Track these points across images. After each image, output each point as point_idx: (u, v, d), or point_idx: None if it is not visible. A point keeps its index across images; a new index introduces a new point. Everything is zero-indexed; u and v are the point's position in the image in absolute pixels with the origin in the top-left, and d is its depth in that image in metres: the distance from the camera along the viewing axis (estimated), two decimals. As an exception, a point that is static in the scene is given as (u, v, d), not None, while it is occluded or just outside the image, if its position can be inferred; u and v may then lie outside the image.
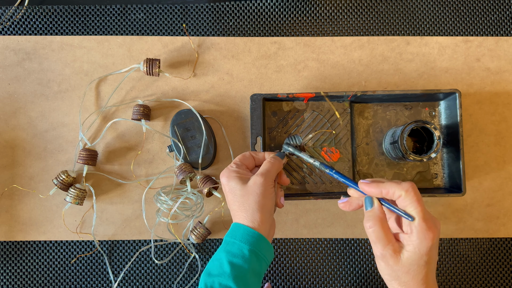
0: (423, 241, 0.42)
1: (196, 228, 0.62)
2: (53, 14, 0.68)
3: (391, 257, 0.43)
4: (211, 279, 0.45)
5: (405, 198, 0.43)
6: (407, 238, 0.44)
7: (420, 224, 0.42)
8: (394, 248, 0.43)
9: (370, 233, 0.45)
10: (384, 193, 0.45)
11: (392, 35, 0.68)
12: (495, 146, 0.66)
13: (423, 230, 0.42)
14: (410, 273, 0.43)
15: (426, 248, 0.42)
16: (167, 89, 0.66)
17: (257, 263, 0.47)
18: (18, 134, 0.66)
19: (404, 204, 0.43)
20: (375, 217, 0.45)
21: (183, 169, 0.61)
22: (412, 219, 0.43)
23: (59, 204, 0.65)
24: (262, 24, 0.68)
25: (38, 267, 0.65)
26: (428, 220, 0.43)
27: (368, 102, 0.65)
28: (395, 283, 0.44)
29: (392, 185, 0.44)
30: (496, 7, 0.68)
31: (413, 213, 0.43)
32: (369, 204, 0.46)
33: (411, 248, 0.43)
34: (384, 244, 0.44)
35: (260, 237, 0.47)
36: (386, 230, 0.44)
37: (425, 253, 0.42)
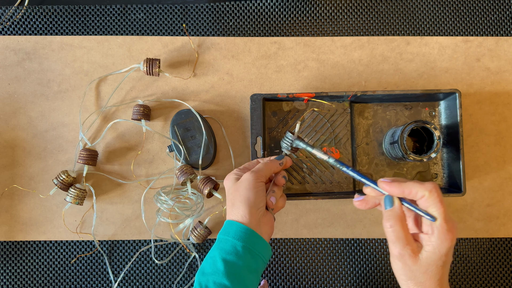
0: (443, 242, 0.42)
1: (196, 229, 0.62)
2: (53, 14, 0.68)
3: (410, 257, 0.43)
4: (205, 278, 0.45)
5: (428, 198, 0.43)
6: (427, 238, 0.43)
7: (441, 225, 0.42)
8: (413, 248, 0.43)
9: (389, 232, 0.44)
10: (406, 193, 0.44)
11: (392, 35, 0.68)
12: (495, 146, 0.66)
13: (444, 231, 0.42)
14: (428, 273, 0.43)
15: (446, 249, 0.42)
16: (167, 89, 0.66)
17: (252, 260, 0.46)
18: (18, 134, 0.66)
19: (426, 204, 0.43)
20: (396, 217, 0.44)
21: (184, 171, 0.61)
22: (434, 220, 0.43)
23: (59, 204, 0.65)
24: (262, 24, 0.68)
25: (38, 267, 0.65)
26: (449, 221, 0.43)
27: (368, 102, 0.65)
28: (411, 283, 0.44)
29: (415, 185, 0.43)
30: (496, 7, 0.68)
31: (436, 214, 0.43)
32: (389, 203, 0.45)
33: (431, 249, 0.43)
34: (404, 244, 0.43)
35: (253, 233, 0.47)
36: (406, 230, 0.44)
37: (444, 254, 0.42)
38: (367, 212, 0.66)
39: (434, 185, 0.43)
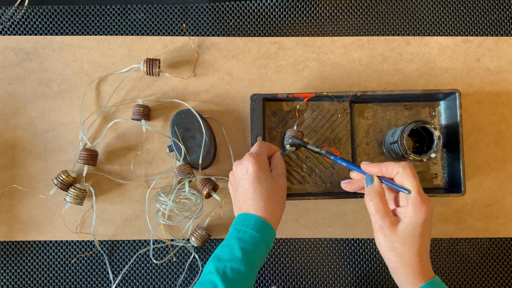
0: (417, 213, 0.46)
1: (197, 230, 0.62)
2: (53, 14, 0.68)
3: (389, 228, 0.47)
4: (222, 264, 0.47)
5: (402, 173, 0.48)
6: (403, 210, 0.48)
7: (415, 197, 0.47)
8: (391, 220, 0.48)
9: (370, 206, 0.49)
10: (383, 171, 0.50)
11: (392, 35, 0.68)
12: (495, 146, 0.66)
13: (418, 203, 0.47)
14: (406, 243, 0.47)
15: (421, 220, 0.46)
16: (167, 89, 0.66)
17: (265, 252, 0.49)
18: (18, 134, 0.66)
19: (401, 179, 0.48)
20: (375, 191, 0.49)
21: (182, 170, 0.61)
22: (408, 192, 0.47)
23: (59, 204, 0.65)
24: (262, 24, 0.68)
25: (38, 267, 0.65)
26: (423, 194, 0.47)
27: (368, 102, 0.65)
28: (391, 254, 0.48)
29: (390, 163, 0.49)
30: (496, 7, 0.68)
31: (409, 187, 0.47)
32: (370, 181, 0.51)
33: (407, 220, 0.47)
34: (382, 216, 0.48)
35: (270, 226, 0.50)
36: (384, 204, 0.49)
37: (420, 225, 0.46)
38: (367, 212, 0.66)
39: (408, 163, 0.49)
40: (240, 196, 0.52)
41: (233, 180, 0.54)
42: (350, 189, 0.54)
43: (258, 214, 0.50)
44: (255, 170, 0.51)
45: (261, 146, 0.55)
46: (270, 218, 0.50)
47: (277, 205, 0.51)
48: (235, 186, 0.53)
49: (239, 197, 0.52)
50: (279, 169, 0.55)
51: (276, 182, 0.52)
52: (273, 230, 0.50)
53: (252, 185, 0.50)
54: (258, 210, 0.50)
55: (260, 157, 0.53)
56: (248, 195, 0.51)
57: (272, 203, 0.50)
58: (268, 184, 0.51)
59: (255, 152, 0.54)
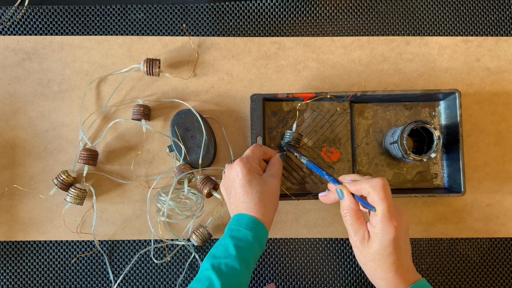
0: (385, 233, 0.46)
1: (199, 229, 0.62)
2: (53, 14, 0.68)
3: (360, 243, 0.48)
4: (217, 261, 0.48)
5: (372, 194, 0.47)
6: (372, 229, 0.47)
7: (381, 218, 0.46)
8: (363, 235, 0.48)
9: (344, 220, 0.50)
10: (358, 189, 0.49)
11: (392, 35, 0.68)
12: (495, 146, 0.66)
13: (385, 224, 0.46)
14: (376, 261, 0.47)
15: (388, 240, 0.46)
16: (167, 89, 0.66)
17: (258, 249, 0.50)
18: (18, 134, 0.66)
19: (371, 199, 0.47)
20: (347, 207, 0.50)
21: (181, 169, 0.61)
22: (374, 210, 0.47)
23: (59, 204, 0.65)
24: (262, 24, 0.68)
25: (38, 267, 0.65)
26: (390, 214, 0.46)
27: (368, 102, 0.65)
28: (366, 267, 0.49)
29: (362, 183, 0.48)
30: (496, 7, 0.68)
31: (377, 208, 0.46)
32: (341, 194, 0.50)
33: (376, 240, 0.47)
34: (355, 231, 0.49)
35: (262, 224, 0.51)
36: (357, 218, 0.49)
37: (388, 245, 0.46)
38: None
39: (379, 181, 0.47)
40: (233, 199, 0.53)
41: (225, 183, 0.56)
42: (327, 202, 0.53)
43: (251, 214, 0.51)
44: (244, 173, 0.52)
45: (254, 150, 0.56)
46: (262, 219, 0.51)
47: (268, 206, 0.52)
48: (228, 189, 0.55)
49: (232, 199, 0.54)
50: (273, 171, 0.56)
51: (267, 183, 0.53)
52: (266, 229, 0.52)
53: (243, 188, 0.52)
54: (250, 211, 0.52)
55: (250, 161, 0.54)
56: (240, 198, 0.52)
57: (263, 204, 0.52)
58: (259, 187, 0.52)
59: (246, 156, 0.55)
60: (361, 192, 0.48)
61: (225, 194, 0.56)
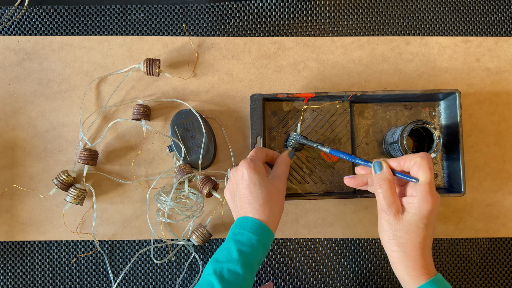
0: (424, 203, 0.46)
1: (199, 229, 0.62)
2: (53, 14, 0.68)
3: (394, 216, 0.47)
4: (220, 265, 0.47)
5: (420, 163, 0.47)
6: (410, 200, 0.47)
7: (424, 187, 0.46)
8: (397, 208, 0.47)
9: (378, 193, 0.49)
10: (402, 163, 0.49)
11: (392, 35, 0.68)
12: (495, 146, 0.66)
13: (426, 193, 0.46)
14: (409, 233, 0.46)
15: (427, 211, 0.46)
16: (167, 89, 0.66)
17: (262, 253, 0.49)
18: (18, 134, 0.66)
19: (417, 169, 0.47)
20: (384, 178, 0.49)
21: (182, 170, 0.61)
22: (417, 181, 0.47)
23: (59, 204, 0.65)
24: (262, 24, 0.68)
25: (38, 267, 0.65)
26: (432, 186, 0.47)
27: (368, 102, 0.65)
28: (393, 243, 0.47)
29: (409, 155, 0.48)
30: (496, 7, 0.68)
31: (422, 177, 0.46)
32: (378, 168, 0.50)
33: (413, 210, 0.46)
34: (389, 203, 0.48)
35: (267, 228, 0.50)
36: (392, 191, 0.48)
37: (425, 216, 0.46)
38: (367, 212, 0.66)
39: (426, 154, 0.48)
40: (238, 201, 0.52)
41: (231, 187, 0.55)
42: (354, 185, 0.53)
43: (255, 217, 0.50)
44: (249, 174, 0.51)
45: (256, 151, 0.56)
46: (267, 221, 0.50)
47: (274, 208, 0.51)
48: (233, 193, 0.54)
49: (237, 202, 0.52)
50: (278, 171, 0.55)
51: (272, 184, 0.52)
52: (271, 232, 0.50)
53: (248, 189, 0.51)
54: (255, 213, 0.50)
55: (254, 162, 0.53)
56: (245, 199, 0.51)
57: (269, 206, 0.51)
58: (264, 187, 0.51)
59: (250, 157, 0.54)
60: (403, 166, 0.48)
61: (229, 199, 0.55)
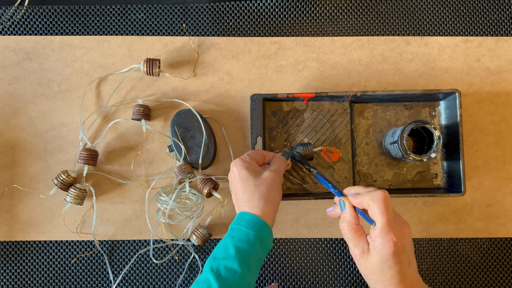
0: (383, 248, 0.45)
1: (198, 229, 0.62)
2: (53, 14, 0.68)
3: (360, 257, 0.47)
4: (216, 262, 0.47)
5: (372, 206, 0.46)
6: (372, 242, 0.47)
7: (380, 232, 0.45)
8: (362, 249, 0.47)
9: (343, 233, 0.49)
10: (360, 202, 0.48)
11: (392, 35, 0.68)
12: (495, 146, 0.66)
13: (383, 238, 0.45)
14: (375, 274, 0.46)
15: (387, 255, 0.45)
16: (167, 89, 0.66)
17: (260, 249, 0.49)
18: (18, 134, 0.66)
19: (371, 212, 0.46)
20: (346, 219, 0.49)
21: (182, 169, 0.61)
22: (374, 224, 0.46)
23: (59, 204, 0.65)
24: (262, 24, 0.68)
25: (38, 267, 0.65)
26: (389, 228, 0.45)
27: (368, 102, 0.65)
28: (367, 280, 0.48)
29: (364, 195, 0.47)
30: (496, 7, 0.68)
31: (377, 222, 0.46)
32: (343, 207, 0.50)
33: (374, 253, 0.46)
34: (354, 244, 0.48)
35: (265, 224, 0.50)
36: (356, 231, 0.48)
37: (387, 259, 0.45)
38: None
39: (380, 194, 0.46)
40: (233, 198, 0.54)
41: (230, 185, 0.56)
42: (334, 216, 0.53)
43: (249, 210, 0.50)
44: (238, 169, 0.52)
45: (251, 152, 0.56)
46: (262, 214, 0.50)
47: (263, 199, 0.51)
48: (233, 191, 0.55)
49: (233, 199, 0.54)
50: (272, 167, 0.55)
51: (261, 177, 0.52)
52: (269, 227, 0.50)
53: (238, 185, 0.52)
54: (247, 206, 0.51)
55: (243, 159, 0.54)
56: (237, 195, 0.53)
57: (257, 197, 0.51)
58: (251, 181, 0.51)
59: (242, 156, 0.55)
60: (362, 205, 0.48)
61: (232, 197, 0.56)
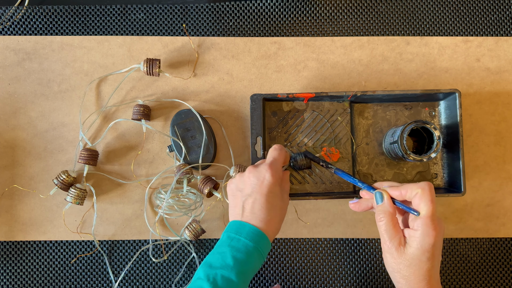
0: (425, 237, 0.45)
1: (192, 224, 0.62)
2: (53, 14, 0.68)
3: (396, 249, 0.46)
4: (213, 271, 0.46)
5: (421, 195, 0.45)
6: (412, 233, 0.46)
7: (425, 221, 0.45)
8: (399, 241, 0.46)
9: (380, 225, 0.48)
10: (403, 193, 0.47)
11: (392, 35, 0.68)
12: (495, 146, 0.66)
13: (427, 227, 0.45)
14: (412, 267, 0.45)
15: (428, 245, 0.45)
16: (167, 89, 0.66)
17: (258, 261, 0.48)
18: (18, 134, 0.66)
19: (418, 201, 0.46)
20: (385, 211, 0.48)
21: (181, 169, 0.61)
22: (418, 214, 0.46)
23: (59, 204, 0.65)
24: (262, 24, 0.68)
25: (38, 267, 0.65)
26: (434, 218, 0.45)
27: (368, 102, 0.65)
28: (397, 276, 0.47)
29: (410, 185, 0.47)
30: (496, 7, 0.68)
31: (423, 209, 0.45)
32: (380, 198, 0.49)
33: (415, 244, 0.45)
34: (391, 237, 0.46)
35: (264, 236, 0.49)
36: (394, 224, 0.47)
37: (427, 250, 0.45)
38: (367, 212, 0.66)
39: (428, 184, 0.46)
40: (247, 203, 0.50)
41: (241, 184, 0.52)
42: (359, 210, 0.52)
43: (258, 226, 0.49)
44: (272, 183, 0.50)
45: (280, 155, 0.53)
46: (268, 232, 0.49)
47: (279, 223, 0.51)
48: (243, 191, 0.51)
49: (245, 204, 0.50)
50: (286, 187, 0.54)
51: (284, 200, 0.52)
52: (268, 240, 0.49)
53: (264, 197, 0.49)
54: (262, 223, 0.49)
55: (278, 169, 0.51)
56: (256, 206, 0.49)
57: (277, 220, 0.50)
58: (279, 201, 0.50)
59: (273, 161, 0.52)
60: (405, 195, 0.47)
61: (233, 194, 0.52)
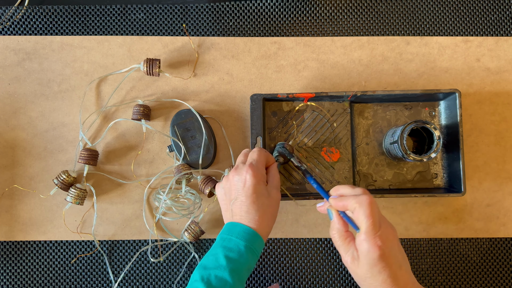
0: (369, 253, 0.45)
1: (191, 226, 0.62)
2: (53, 14, 0.68)
3: (351, 264, 0.47)
4: (207, 272, 0.47)
5: (358, 210, 0.45)
6: (359, 249, 0.46)
7: (365, 237, 0.45)
8: (352, 256, 0.46)
9: (333, 241, 0.49)
10: (345, 205, 0.48)
11: (392, 35, 0.68)
12: (495, 146, 0.66)
13: (367, 243, 0.45)
14: (367, 280, 0.46)
15: (374, 259, 0.44)
16: (167, 89, 0.66)
17: (251, 259, 0.49)
18: (18, 134, 0.66)
19: (356, 216, 0.46)
20: (334, 228, 0.49)
21: (180, 169, 0.61)
22: (358, 230, 0.46)
23: (59, 204, 0.65)
24: (262, 24, 0.68)
25: (38, 267, 0.65)
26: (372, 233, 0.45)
27: (368, 102, 0.65)
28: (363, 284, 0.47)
29: (349, 199, 0.47)
30: (496, 7, 0.68)
31: (361, 226, 0.45)
32: (330, 215, 0.50)
33: (362, 259, 0.45)
34: (344, 251, 0.47)
35: (256, 234, 0.49)
36: (345, 239, 0.48)
37: (375, 264, 0.44)
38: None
39: (366, 197, 0.46)
40: (234, 207, 0.51)
41: (227, 187, 0.53)
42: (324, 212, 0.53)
43: (249, 225, 0.49)
44: (253, 183, 0.50)
45: (260, 155, 0.54)
46: (260, 230, 0.50)
47: (270, 220, 0.51)
48: (229, 193, 0.52)
49: (233, 207, 0.51)
50: (275, 182, 0.54)
51: (271, 196, 0.52)
52: (260, 238, 0.50)
53: (249, 199, 0.50)
54: (251, 223, 0.50)
55: (259, 169, 0.52)
56: (243, 208, 0.50)
57: (266, 217, 0.51)
58: (264, 199, 0.51)
59: (253, 162, 0.52)
60: (347, 208, 0.47)
61: (223, 198, 0.54)
